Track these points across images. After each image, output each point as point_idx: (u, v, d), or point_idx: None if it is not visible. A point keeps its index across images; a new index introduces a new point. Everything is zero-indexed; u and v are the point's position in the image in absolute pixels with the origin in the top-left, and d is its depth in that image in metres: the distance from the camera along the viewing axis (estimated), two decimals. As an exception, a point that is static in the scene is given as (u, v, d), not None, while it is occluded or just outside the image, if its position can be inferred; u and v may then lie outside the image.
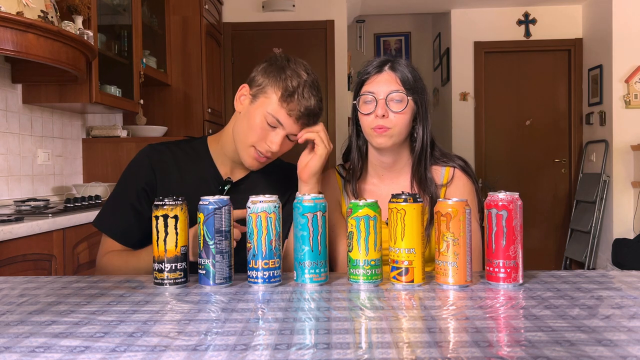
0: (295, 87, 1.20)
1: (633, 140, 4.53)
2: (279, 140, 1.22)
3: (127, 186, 1.32)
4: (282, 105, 1.20)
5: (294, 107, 1.20)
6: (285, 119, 1.21)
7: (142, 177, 1.29)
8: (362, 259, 0.97)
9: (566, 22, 5.25)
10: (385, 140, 1.28)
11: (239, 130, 1.27)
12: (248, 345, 0.66)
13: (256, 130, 1.22)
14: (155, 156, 1.32)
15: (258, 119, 1.22)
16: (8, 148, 2.58)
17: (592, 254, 4.73)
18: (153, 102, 3.75)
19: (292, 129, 1.23)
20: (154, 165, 1.30)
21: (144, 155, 1.33)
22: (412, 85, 1.29)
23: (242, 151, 1.26)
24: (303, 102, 1.21)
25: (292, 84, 1.20)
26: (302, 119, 1.22)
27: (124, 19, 3.23)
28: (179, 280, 0.98)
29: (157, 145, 1.35)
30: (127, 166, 1.35)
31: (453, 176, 1.36)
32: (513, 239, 0.96)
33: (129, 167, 1.34)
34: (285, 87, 1.20)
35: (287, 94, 1.20)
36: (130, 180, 1.32)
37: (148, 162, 1.31)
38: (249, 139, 1.24)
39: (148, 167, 1.30)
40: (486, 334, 0.70)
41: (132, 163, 1.34)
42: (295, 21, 4.68)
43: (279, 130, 1.22)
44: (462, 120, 5.41)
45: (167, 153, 1.34)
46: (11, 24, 2.03)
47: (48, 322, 0.78)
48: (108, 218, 1.32)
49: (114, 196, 1.34)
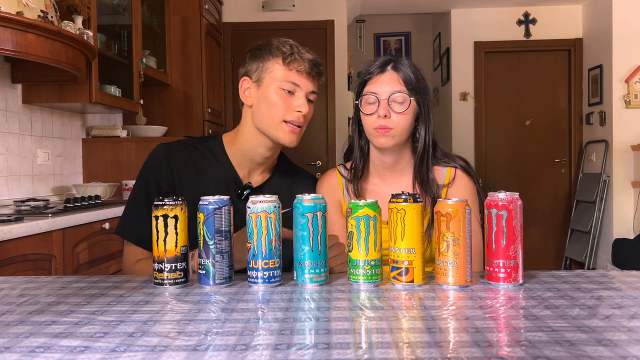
0: (290, 48, 1.25)
1: (633, 140, 4.53)
2: (303, 101, 1.25)
3: (149, 189, 1.27)
4: (290, 67, 1.25)
5: (300, 63, 1.25)
6: (298, 77, 1.25)
7: (163, 179, 1.27)
8: (362, 259, 0.97)
9: (566, 22, 5.25)
10: (387, 141, 1.28)
11: (262, 117, 1.27)
12: (248, 345, 0.66)
13: (278, 104, 1.25)
14: (172, 156, 1.29)
15: (275, 94, 1.25)
16: (8, 148, 2.58)
17: (592, 254, 4.73)
18: (153, 102, 3.75)
19: (308, 86, 1.26)
20: (172, 165, 1.28)
21: (161, 156, 1.29)
22: (415, 85, 1.29)
23: (275, 131, 1.26)
24: (304, 57, 1.25)
25: (286, 48, 1.25)
26: (312, 71, 1.26)
27: (124, 18, 3.23)
28: (179, 280, 0.98)
29: (173, 145, 1.33)
30: (143, 168, 1.31)
31: (454, 176, 1.36)
32: (513, 239, 0.96)
33: (147, 169, 1.30)
34: (282, 52, 1.25)
35: (287, 56, 1.24)
36: (151, 182, 1.28)
37: (166, 163, 1.28)
38: (276, 117, 1.25)
39: (167, 168, 1.27)
40: (486, 334, 0.70)
41: (149, 164, 1.30)
42: (295, 21, 4.68)
43: (298, 92, 1.26)
44: (462, 120, 5.41)
45: (185, 153, 1.31)
46: (11, 24, 2.03)
47: (48, 322, 0.78)
48: (132, 225, 1.28)
49: (135, 201, 1.29)
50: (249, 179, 1.34)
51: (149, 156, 1.32)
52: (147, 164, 1.31)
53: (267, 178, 1.36)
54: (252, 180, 1.34)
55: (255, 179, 1.35)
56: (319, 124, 4.73)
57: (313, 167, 4.65)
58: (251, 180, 1.34)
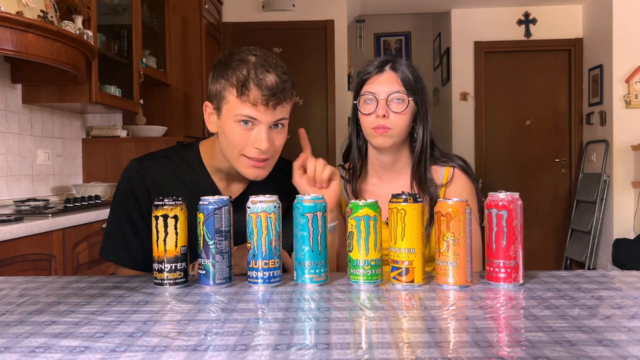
0: (246, 74, 1.09)
1: (633, 140, 4.53)
2: (263, 136, 1.12)
3: (127, 210, 1.23)
4: (243, 100, 1.10)
5: (255, 94, 1.09)
6: (253, 111, 1.10)
7: (141, 198, 1.21)
8: (362, 259, 0.97)
9: (566, 22, 5.25)
10: (386, 141, 1.28)
11: (224, 149, 1.18)
12: (248, 346, 0.66)
13: (235, 138, 1.13)
14: (147, 173, 1.23)
15: (233, 127, 1.13)
16: (8, 148, 2.58)
17: (592, 254, 4.73)
18: (153, 102, 3.75)
19: (268, 118, 1.12)
20: (146, 182, 1.22)
21: (135, 174, 1.23)
22: (413, 85, 1.30)
23: (237, 165, 1.17)
24: (262, 84, 1.09)
25: (242, 74, 1.10)
26: (270, 101, 1.10)
27: (124, 18, 3.23)
28: (179, 281, 0.98)
29: (146, 160, 1.26)
30: (119, 186, 1.25)
31: (453, 176, 1.36)
32: (513, 239, 0.96)
33: (122, 189, 1.24)
34: (236, 80, 1.10)
35: (240, 85, 1.09)
36: (128, 202, 1.23)
37: (140, 180, 1.22)
38: (234, 151, 1.15)
39: (142, 187, 1.22)
40: (486, 334, 0.70)
41: (124, 182, 1.24)
42: (295, 21, 4.68)
43: (257, 126, 1.12)
44: (462, 120, 5.41)
45: (159, 170, 1.24)
46: (11, 23, 2.03)
47: (48, 322, 0.78)
48: (117, 247, 1.24)
49: (116, 222, 1.24)
50: (229, 189, 1.28)
51: (123, 176, 1.25)
52: (122, 182, 1.24)
53: (247, 185, 1.29)
54: (232, 190, 1.28)
55: (236, 187, 1.29)
56: (319, 124, 4.73)
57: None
58: (232, 190, 1.28)
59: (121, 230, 1.24)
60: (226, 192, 1.27)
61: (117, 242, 1.24)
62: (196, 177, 1.26)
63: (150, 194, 1.21)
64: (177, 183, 1.24)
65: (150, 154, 1.29)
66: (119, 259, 1.25)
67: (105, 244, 1.26)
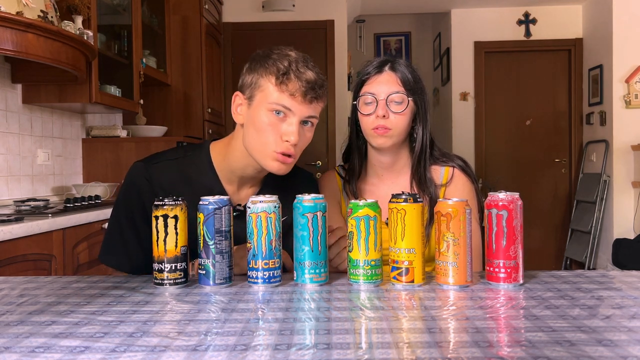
0: (288, 66, 1.10)
1: (633, 140, 4.53)
2: (294, 128, 1.11)
3: (131, 214, 1.19)
4: (282, 89, 1.10)
5: (294, 85, 1.09)
6: (290, 101, 1.10)
7: (147, 203, 1.12)
8: (362, 259, 0.97)
9: (566, 22, 5.24)
10: (385, 141, 1.28)
11: (250, 141, 1.14)
12: (248, 346, 0.66)
13: (266, 129, 1.11)
14: (154, 176, 1.19)
15: (264, 117, 1.11)
16: (8, 148, 2.58)
17: (592, 254, 4.73)
18: (153, 102, 3.75)
19: (303, 111, 1.11)
20: (154, 187, 1.18)
21: (142, 177, 1.19)
22: (413, 86, 1.30)
23: (263, 160, 1.14)
24: (302, 76, 1.10)
25: (283, 65, 1.10)
26: (308, 94, 1.10)
27: (124, 18, 3.23)
28: (179, 281, 0.98)
29: (153, 162, 1.22)
30: (125, 189, 1.21)
31: (452, 176, 1.36)
32: (513, 239, 0.96)
33: (128, 193, 1.21)
34: (277, 69, 1.10)
35: (281, 74, 1.09)
36: (133, 207, 1.19)
37: (147, 184, 1.18)
38: (264, 144, 1.12)
39: (149, 191, 1.18)
40: (486, 334, 0.70)
41: (130, 184, 1.20)
42: (295, 21, 4.68)
43: (289, 118, 1.11)
44: (462, 120, 5.41)
45: (167, 171, 1.21)
46: (11, 24, 2.03)
47: (48, 322, 0.78)
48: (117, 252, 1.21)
49: (118, 226, 1.21)
50: (238, 194, 1.24)
51: (129, 177, 1.21)
52: (128, 186, 1.21)
53: (257, 191, 1.27)
54: (241, 196, 1.25)
55: (245, 192, 1.25)
56: (319, 124, 4.66)
57: (313, 167, 4.65)
58: (240, 196, 1.25)
59: (123, 235, 1.21)
60: (235, 197, 1.24)
61: (118, 246, 1.21)
62: (205, 181, 1.22)
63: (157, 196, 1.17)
64: (185, 188, 1.19)
65: (156, 156, 1.25)
66: (119, 265, 1.22)
67: (106, 247, 1.23)
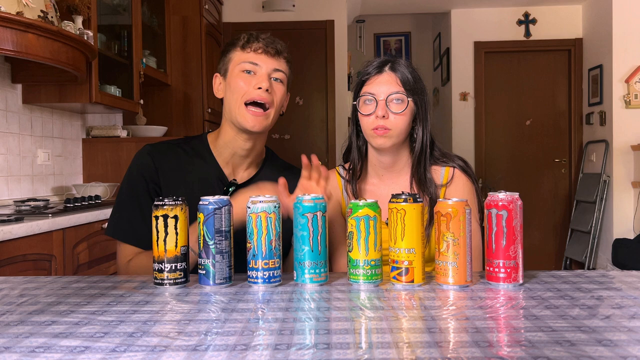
0: (249, 34, 1.28)
1: (633, 140, 4.53)
2: (263, 78, 1.25)
3: (134, 188, 1.29)
4: (246, 50, 1.27)
5: (257, 44, 1.26)
6: (255, 56, 1.26)
7: (149, 178, 1.28)
8: (362, 259, 0.97)
9: (566, 22, 5.25)
10: (385, 141, 1.28)
11: (227, 104, 1.29)
12: (248, 346, 0.66)
13: (238, 85, 1.25)
14: (157, 155, 1.30)
15: (236, 78, 1.26)
16: (8, 148, 2.58)
17: (592, 254, 4.73)
18: (153, 102, 3.75)
19: (269, 63, 1.26)
20: (156, 164, 1.29)
21: (146, 154, 1.30)
22: (413, 86, 1.29)
23: (237, 116, 1.26)
24: (262, 40, 1.27)
25: (246, 36, 1.29)
26: (269, 47, 1.27)
27: (124, 19, 3.23)
28: (179, 280, 0.98)
29: (158, 145, 1.34)
30: (129, 167, 1.32)
31: (453, 176, 1.36)
32: (513, 239, 0.96)
33: (132, 168, 1.31)
34: (239, 40, 1.28)
35: (244, 41, 1.27)
36: (136, 181, 1.29)
37: (151, 162, 1.29)
38: (237, 98, 1.25)
39: (151, 167, 1.29)
40: (486, 334, 0.70)
41: (134, 163, 1.32)
42: (295, 21, 4.68)
43: (258, 71, 1.26)
44: (462, 120, 5.41)
45: (169, 153, 1.32)
46: (11, 24, 2.03)
47: (48, 322, 0.78)
48: (121, 225, 1.29)
49: (122, 200, 1.31)
50: (235, 176, 1.34)
51: (134, 157, 1.33)
52: (133, 163, 1.32)
53: (253, 174, 1.36)
54: (237, 177, 1.34)
55: (241, 175, 1.35)
56: (319, 124, 4.73)
57: (313, 167, 4.64)
58: (237, 177, 1.34)
59: (126, 208, 1.30)
60: (233, 176, 1.33)
61: (121, 219, 1.30)
62: (203, 163, 1.33)
63: (159, 174, 1.28)
64: (186, 166, 1.31)
65: (162, 141, 1.38)
66: (123, 236, 1.29)
67: (111, 221, 1.33)
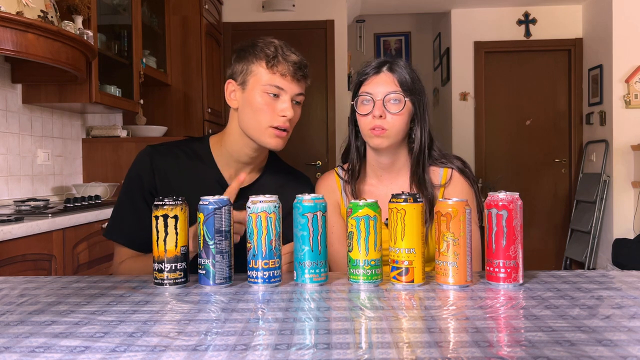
0: (275, 51, 1.23)
1: (633, 140, 4.53)
2: (288, 105, 1.23)
3: (132, 192, 1.30)
4: (273, 71, 1.22)
5: (284, 66, 1.22)
6: (282, 81, 1.23)
7: (146, 180, 1.28)
8: (362, 259, 0.97)
9: (566, 22, 5.24)
10: (383, 141, 1.28)
11: (247, 121, 1.26)
12: (248, 345, 0.66)
13: (263, 108, 1.23)
14: (156, 158, 1.30)
15: (259, 98, 1.23)
16: (8, 148, 2.58)
17: (592, 254, 4.73)
18: (153, 102, 3.75)
19: (293, 89, 1.24)
20: (154, 167, 1.29)
21: (145, 157, 1.31)
22: (410, 86, 1.29)
23: (261, 136, 1.24)
24: (289, 59, 1.23)
25: (270, 50, 1.23)
26: (297, 73, 1.24)
27: (124, 19, 3.23)
28: (179, 280, 0.98)
29: (158, 147, 1.34)
30: (129, 170, 1.33)
31: (451, 177, 1.36)
32: (513, 239, 0.96)
33: (131, 171, 1.32)
34: (266, 55, 1.23)
35: (271, 58, 1.22)
36: (134, 184, 1.30)
37: (149, 163, 1.29)
38: (261, 122, 1.23)
39: (149, 170, 1.29)
40: (486, 334, 0.70)
41: (133, 166, 1.32)
42: (295, 21, 4.68)
43: (283, 96, 1.24)
44: (462, 120, 5.41)
45: (168, 155, 1.32)
46: (11, 23, 2.03)
47: (48, 322, 0.78)
48: (117, 227, 1.31)
49: (120, 203, 1.32)
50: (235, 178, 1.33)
51: (135, 158, 1.33)
52: (132, 166, 1.33)
53: (255, 178, 1.35)
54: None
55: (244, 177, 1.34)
56: (319, 124, 4.73)
57: (313, 167, 4.65)
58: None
59: (123, 211, 1.31)
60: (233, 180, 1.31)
61: (118, 222, 1.31)
62: (203, 166, 1.33)
63: (156, 176, 1.28)
64: (185, 169, 1.31)
65: (163, 143, 1.37)
66: (119, 238, 1.30)
67: (109, 223, 1.34)
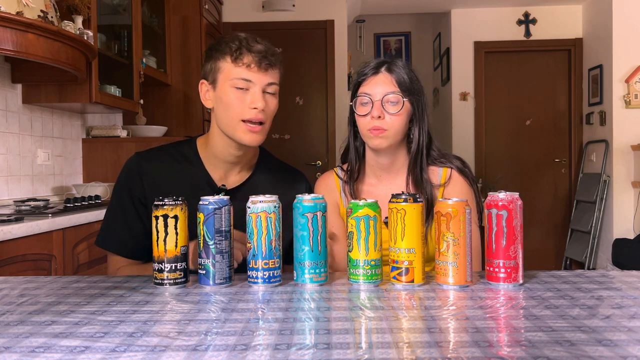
0: (239, 43, 1.21)
1: (633, 140, 4.53)
2: (258, 96, 1.21)
3: (121, 200, 1.30)
4: (238, 64, 1.20)
5: (248, 57, 1.20)
6: (248, 73, 1.20)
7: (134, 189, 1.28)
8: (362, 259, 0.97)
9: (566, 22, 5.24)
10: (382, 142, 1.28)
11: (221, 117, 1.25)
12: (248, 345, 0.66)
13: (233, 102, 1.21)
14: (142, 164, 1.30)
15: (229, 93, 1.21)
16: (8, 148, 2.58)
17: (592, 254, 4.73)
18: (153, 102, 3.75)
19: (262, 79, 1.21)
20: (142, 174, 1.29)
21: (132, 165, 1.30)
22: (409, 86, 1.30)
23: (235, 132, 1.23)
24: (253, 49, 1.21)
25: (234, 44, 1.21)
26: (263, 62, 1.20)
27: (124, 18, 3.23)
28: (179, 280, 0.98)
29: (145, 153, 1.34)
30: (117, 178, 1.33)
31: (450, 177, 1.36)
32: (513, 239, 0.96)
33: (119, 180, 1.32)
34: (230, 49, 1.21)
35: (234, 52, 1.20)
36: (122, 193, 1.30)
37: (136, 171, 1.29)
38: (233, 117, 1.22)
39: (137, 178, 1.28)
40: (486, 334, 0.70)
41: (121, 175, 1.32)
42: (295, 21, 4.68)
43: (252, 88, 1.21)
44: (462, 120, 5.41)
45: (156, 160, 1.31)
46: (11, 23, 2.03)
47: (48, 322, 0.78)
48: (109, 235, 1.31)
49: (111, 212, 1.32)
50: (226, 180, 1.32)
51: (122, 167, 1.32)
52: (120, 175, 1.32)
53: (246, 177, 1.34)
54: (229, 180, 1.32)
55: (233, 179, 1.33)
56: (319, 124, 4.73)
57: (313, 167, 4.65)
58: (228, 180, 1.32)
59: (114, 219, 1.31)
60: (222, 182, 1.32)
61: (110, 230, 1.31)
62: (191, 168, 1.32)
63: (144, 183, 1.28)
64: (173, 173, 1.31)
65: (150, 148, 1.37)
66: (111, 247, 1.31)
67: (100, 232, 1.34)
